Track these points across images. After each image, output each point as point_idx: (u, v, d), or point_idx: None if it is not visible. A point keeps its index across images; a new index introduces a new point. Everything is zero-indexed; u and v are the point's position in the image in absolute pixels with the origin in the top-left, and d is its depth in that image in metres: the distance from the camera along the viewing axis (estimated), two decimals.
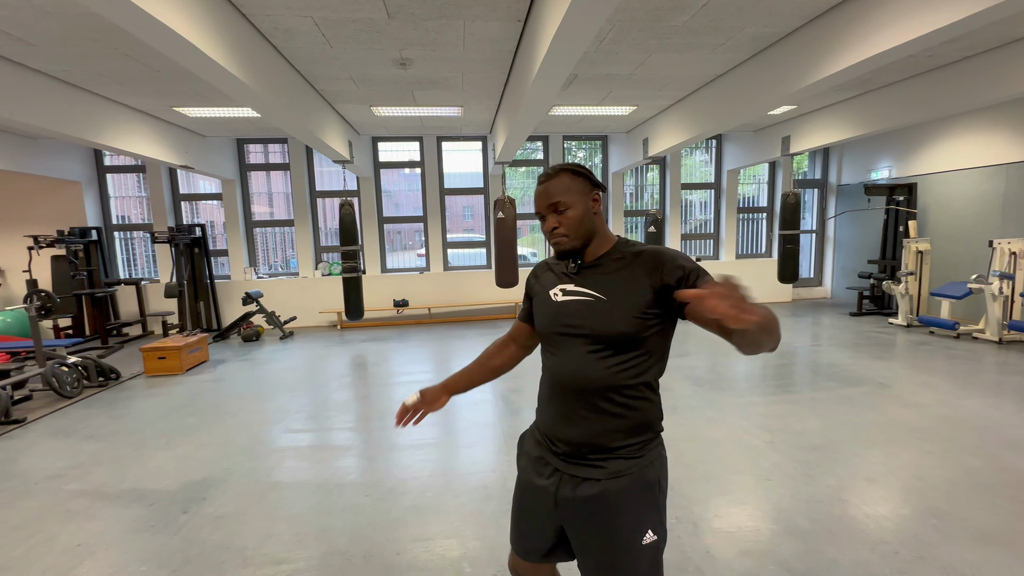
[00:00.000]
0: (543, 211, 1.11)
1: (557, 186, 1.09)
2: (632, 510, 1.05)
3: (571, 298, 1.10)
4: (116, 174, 7.73)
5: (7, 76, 3.92)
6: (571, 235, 1.09)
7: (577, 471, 1.08)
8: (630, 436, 1.06)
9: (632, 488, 1.05)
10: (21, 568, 2.12)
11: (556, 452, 1.12)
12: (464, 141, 7.93)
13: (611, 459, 1.06)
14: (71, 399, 4.43)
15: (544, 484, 1.13)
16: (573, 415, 1.08)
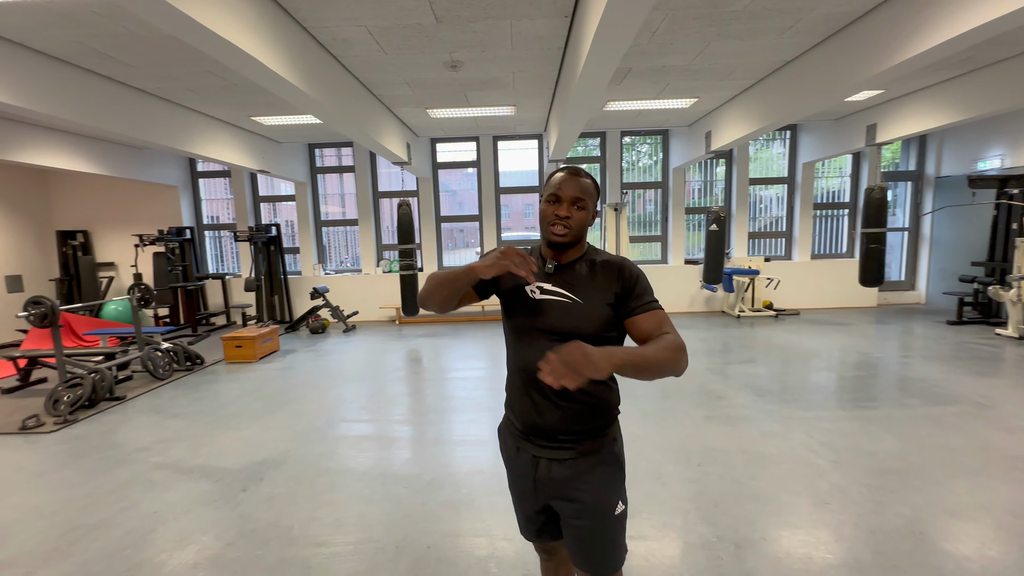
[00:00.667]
0: (565, 198, 1.16)
1: (585, 187, 1.18)
2: (605, 484, 1.21)
3: (549, 297, 1.19)
4: (207, 179, 8.57)
5: (114, 94, 4.47)
6: (573, 230, 1.18)
7: (551, 454, 1.21)
8: (596, 417, 1.21)
9: (601, 464, 1.21)
10: (109, 528, 2.41)
11: (530, 440, 1.24)
12: (519, 140, 7.95)
13: (580, 440, 1.20)
14: (163, 381, 4.97)
15: (525, 469, 1.26)
16: (545, 405, 1.19)
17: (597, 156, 8.08)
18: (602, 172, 8.03)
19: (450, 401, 4.18)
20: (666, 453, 3.02)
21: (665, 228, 8.20)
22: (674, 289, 7.98)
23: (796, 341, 5.83)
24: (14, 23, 3.24)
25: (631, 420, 3.56)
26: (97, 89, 4.30)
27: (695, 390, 4.16)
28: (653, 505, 2.46)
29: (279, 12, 3.12)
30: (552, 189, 1.19)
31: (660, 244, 8.30)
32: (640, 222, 8.37)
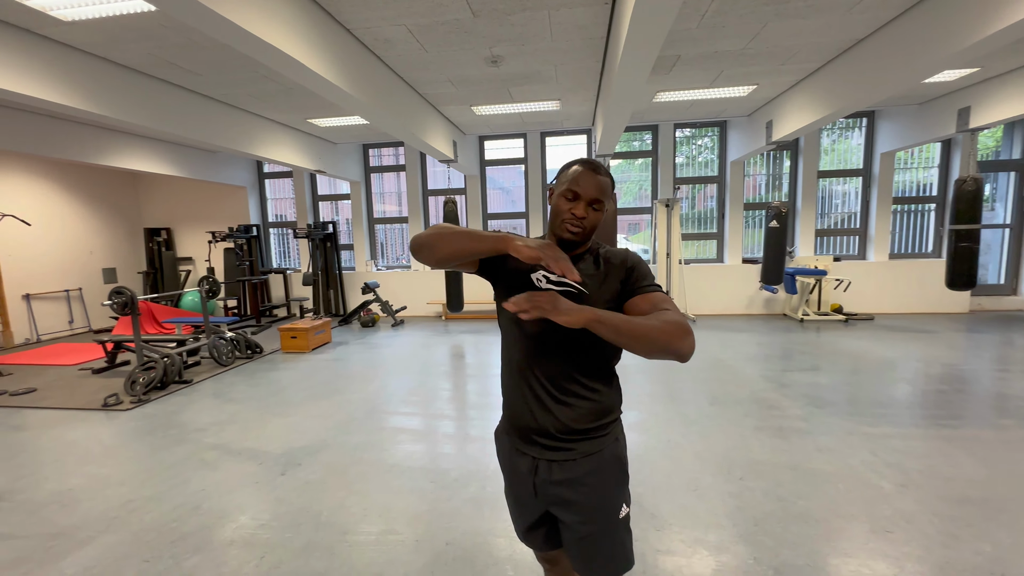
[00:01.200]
0: (584, 196, 1.11)
1: (604, 187, 1.13)
2: (608, 485, 1.16)
3: (555, 288, 1.13)
4: (272, 179, 9.13)
5: (185, 102, 4.85)
6: (586, 231, 1.15)
7: (551, 455, 1.16)
8: (599, 417, 1.16)
9: (603, 465, 1.16)
10: (163, 500, 2.61)
11: (529, 441, 1.18)
12: (567, 135, 7.81)
13: (582, 440, 1.15)
14: (226, 367, 5.35)
15: (523, 473, 1.20)
16: (543, 404, 1.15)
17: (649, 150, 7.78)
18: (654, 167, 7.72)
19: (487, 398, 4.18)
20: (706, 463, 2.84)
21: (721, 225, 7.76)
22: (730, 289, 7.53)
23: (867, 349, 5.30)
24: (97, 39, 3.58)
25: (671, 426, 3.38)
26: (170, 97, 4.68)
27: (745, 398, 3.89)
28: (686, 518, 2.31)
29: (322, 15, 3.23)
30: (570, 184, 1.12)
31: (716, 242, 7.86)
32: (696, 219, 7.97)
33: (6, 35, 3.29)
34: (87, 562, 2.13)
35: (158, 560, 2.13)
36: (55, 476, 2.94)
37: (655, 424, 3.44)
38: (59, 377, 5.13)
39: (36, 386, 4.81)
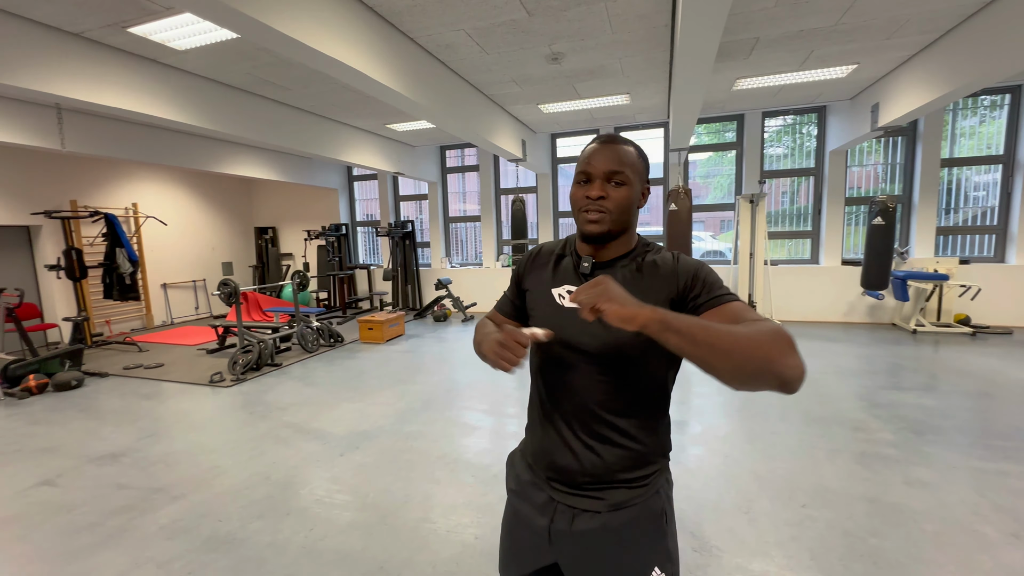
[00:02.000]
0: (597, 174, 0.91)
1: (625, 155, 0.91)
2: (637, 546, 0.94)
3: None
4: (360, 181, 9.86)
5: (280, 114, 5.41)
6: (613, 215, 0.91)
7: (574, 501, 0.96)
8: (637, 466, 0.95)
9: (636, 521, 0.94)
10: (241, 469, 2.96)
11: (549, 481, 0.99)
12: (640, 130, 7.50)
13: (611, 489, 0.94)
14: (311, 354, 5.90)
15: (536, 514, 1.00)
16: (574, 440, 0.96)
17: (732, 141, 7.21)
18: (738, 160, 7.15)
19: None
20: (765, 485, 2.59)
21: (818, 222, 6.98)
22: (826, 294, 6.76)
23: (997, 368, 4.48)
24: (205, 64, 4.12)
25: (732, 440, 3.13)
26: (267, 111, 5.25)
27: (827, 416, 3.48)
28: (731, 542, 2.13)
29: (387, 27, 3.42)
30: (580, 167, 0.93)
31: (810, 241, 7.10)
32: (788, 216, 7.26)
33: (139, 66, 3.91)
34: (176, 515, 2.48)
35: (228, 521, 2.42)
36: (165, 439, 3.46)
37: (714, 437, 3.21)
38: (182, 355, 6.00)
39: (164, 362, 5.67)
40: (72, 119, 4.91)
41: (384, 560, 2.10)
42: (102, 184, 7.40)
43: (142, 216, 7.81)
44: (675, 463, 2.85)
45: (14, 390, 4.56)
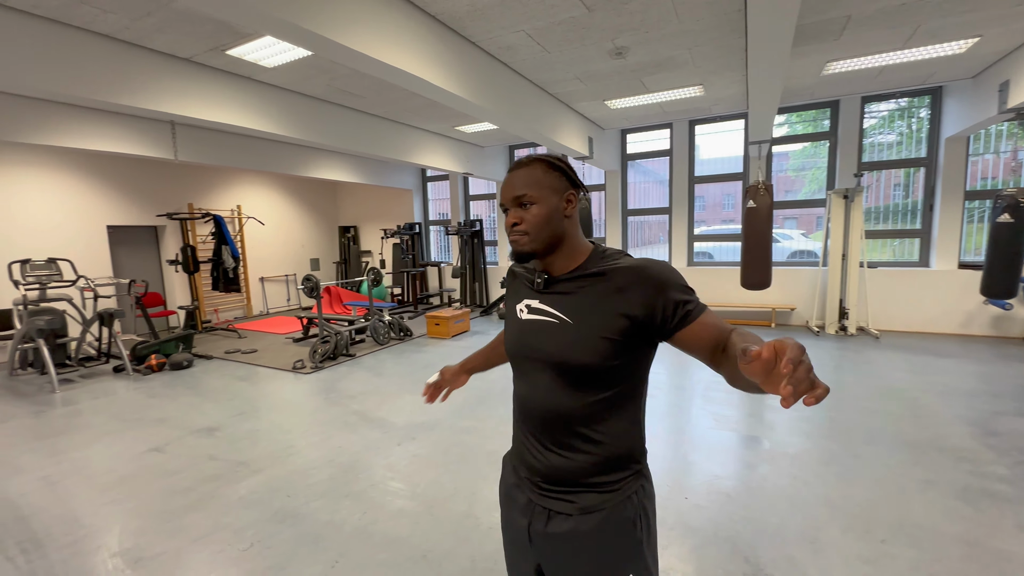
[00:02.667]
0: (507, 203, 0.97)
1: (526, 177, 0.95)
2: (609, 551, 0.95)
3: (535, 317, 0.99)
4: (433, 182, 10.26)
5: (357, 121, 5.78)
6: (531, 234, 0.95)
7: (548, 503, 0.98)
8: (604, 471, 0.95)
9: (607, 525, 0.95)
10: (311, 450, 3.22)
11: (528, 480, 1.03)
12: (718, 122, 7.05)
13: (582, 493, 0.96)
14: (382, 346, 6.26)
15: (519, 515, 1.04)
16: (539, 446, 0.99)
17: (825, 131, 6.54)
18: (832, 151, 6.48)
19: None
20: (838, 513, 2.34)
21: (929, 219, 6.13)
22: (940, 302, 5.93)
23: None
24: (290, 78, 4.52)
25: (804, 460, 2.87)
26: (345, 118, 5.63)
27: (924, 441, 3.06)
28: (790, 572, 1.96)
29: (449, 34, 3.53)
30: (500, 199, 1.00)
31: (919, 240, 6.25)
32: (892, 212, 6.46)
33: (236, 84, 4.38)
34: (253, 487, 2.76)
35: (295, 497, 2.65)
36: (252, 418, 3.86)
37: (783, 454, 2.96)
38: (273, 343, 6.64)
39: (257, 348, 6.31)
40: (183, 132, 5.62)
41: (427, 549, 2.19)
42: (212, 188, 8.38)
43: (244, 217, 8.74)
44: (736, 480, 2.68)
45: (140, 367, 5.33)
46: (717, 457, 2.98)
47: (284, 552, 2.19)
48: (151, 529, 2.40)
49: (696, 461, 2.93)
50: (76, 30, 3.32)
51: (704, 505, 2.46)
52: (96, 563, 2.16)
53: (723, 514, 2.37)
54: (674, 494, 2.58)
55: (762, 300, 6.77)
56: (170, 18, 3.27)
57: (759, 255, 5.39)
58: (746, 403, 3.84)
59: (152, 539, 2.32)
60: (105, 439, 3.53)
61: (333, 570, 2.07)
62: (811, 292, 6.54)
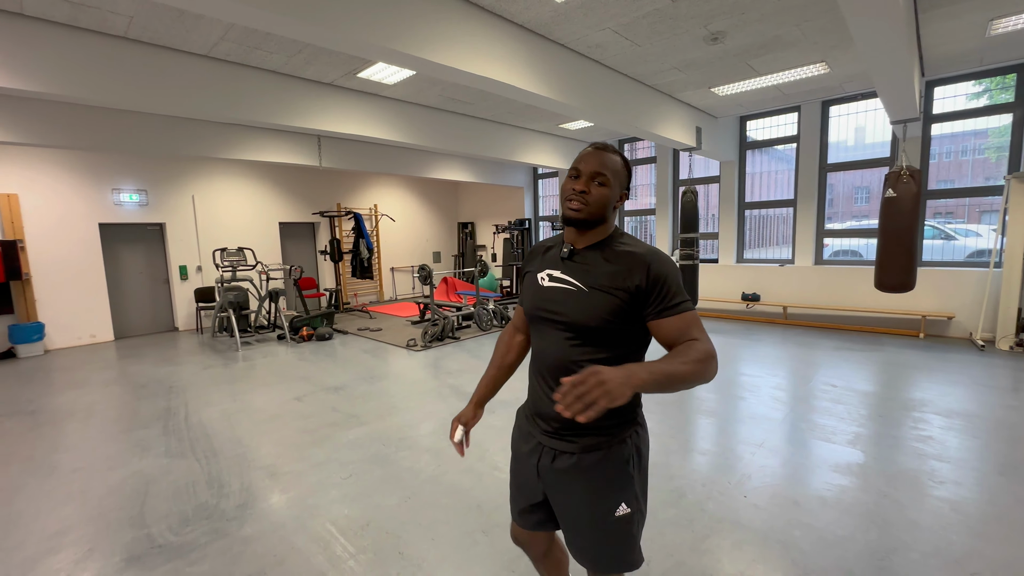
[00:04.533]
0: (585, 172, 1.11)
1: (610, 161, 1.12)
2: (605, 483, 1.14)
3: (555, 284, 1.16)
4: (544, 180, 10.60)
5: (468, 126, 6.34)
6: (591, 206, 1.11)
7: (555, 444, 1.18)
8: (604, 418, 1.10)
9: (604, 462, 1.13)
10: (406, 412, 3.76)
11: (537, 425, 1.22)
12: (853, 101, 6.17)
13: (585, 436, 1.14)
14: (484, 332, 6.79)
15: (528, 455, 1.24)
16: (549, 393, 1.16)
17: (1008, 101, 5.34)
18: (1016, 127, 5.27)
19: (694, 404, 4.03)
20: (925, 538, 2.09)
21: None
22: None
23: None
24: (408, 92, 5.18)
25: (901, 483, 2.57)
26: (458, 124, 6.22)
27: None
28: None
29: (536, 39, 3.76)
30: (574, 164, 1.14)
31: None
32: None
33: (364, 100, 5.18)
34: (359, 435, 3.36)
35: (387, 446, 3.17)
36: (368, 382, 4.58)
37: (881, 471, 2.66)
38: (395, 324, 7.61)
39: (382, 327, 7.31)
40: (326, 143, 6.75)
41: (483, 500, 2.49)
42: (355, 190, 9.80)
43: (379, 214, 10.05)
44: (808, 488, 2.53)
45: (295, 336, 6.58)
46: (796, 463, 2.79)
47: (372, 484, 2.69)
48: (285, 454, 3.10)
49: (769, 465, 2.79)
50: (252, 69, 4.30)
51: (763, 506, 2.37)
52: (249, 471, 2.89)
53: (781, 518, 2.27)
54: (732, 490, 2.52)
55: (909, 306, 5.81)
56: (316, 53, 4.05)
57: (898, 252, 4.67)
58: (860, 417, 3.46)
59: (285, 461, 3.00)
60: (265, 387, 4.52)
61: (405, 503, 2.49)
62: (976, 299, 5.43)
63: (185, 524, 2.37)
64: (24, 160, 6.26)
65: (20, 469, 3.02)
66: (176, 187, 7.53)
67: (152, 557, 2.13)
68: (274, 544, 2.19)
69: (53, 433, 3.60)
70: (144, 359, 5.85)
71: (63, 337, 6.62)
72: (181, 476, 2.86)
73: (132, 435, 3.49)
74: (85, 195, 6.73)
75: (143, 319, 7.52)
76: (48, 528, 2.38)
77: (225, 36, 3.68)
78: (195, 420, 3.74)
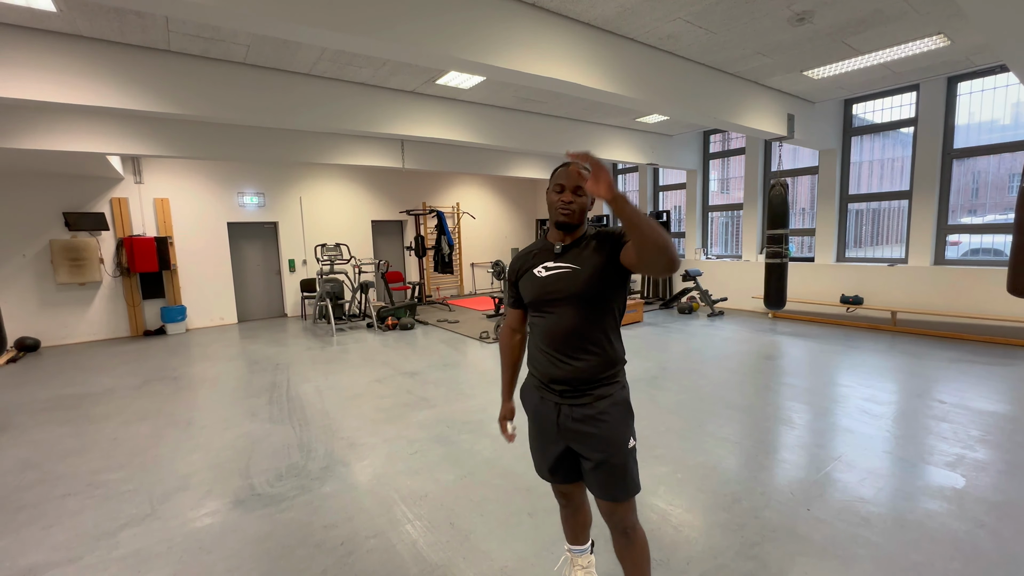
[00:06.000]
0: (569, 186, 1.42)
1: (578, 179, 1.42)
2: (617, 423, 1.42)
3: (553, 272, 1.45)
4: (623, 174, 10.38)
5: (540, 124, 6.44)
6: (576, 213, 1.43)
7: (572, 400, 1.43)
8: (606, 368, 1.43)
9: (614, 406, 1.42)
10: (473, 399, 3.99)
11: (554, 390, 1.46)
12: (986, 76, 5.30)
13: (596, 387, 1.42)
14: None
15: (548, 415, 1.48)
16: (563, 360, 1.43)
17: None
18: None
19: (773, 416, 3.82)
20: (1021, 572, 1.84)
21: None
22: None
23: None
24: (482, 95, 5.41)
25: (1005, 513, 2.28)
26: (530, 122, 6.34)
27: None
28: None
29: (603, 35, 3.75)
30: (556, 180, 1.45)
31: None
32: None
33: (443, 105, 5.50)
34: (427, 416, 3.65)
35: (451, 428, 3.41)
36: (441, 370, 4.91)
37: (980, 498, 2.37)
38: (472, 317, 7.97)
39: (460, 320, 7.70)
40: (409, 146, 7.24)
41: (533, 486, 2.61)
42: (440, 190, 10.36)
43: (461, 212, 10.53)
44: (886, 509, 2.35)
45: (381, 325, 7.18)
46: (876, 481, 2.56)
47: (434, 461, 2.93)
48: (363, 428, 3.47)
49: (843, 479, 2.58)
50: (345, 83, 4.79)
51: (827, 520, 2.23)
52: (332, 440, 3.29)
53: (846, 534, 2.12)
54: (794, 501, 2.39)
55: None
56: (398, 65, 4.41)
57: None
58: (968, 439, 3.06)
59: (362, 434, 3.37)
60: (352, 369, 5.03)
61: (462, 481, 2.69)
62: None
63: (279, 479, 2.78)
64: (173, 170, 7.52)
65: (165, 422, 3.72)
66: (287, 190, 8.55)
67: (252, 502, 2.54)
68: (347, 503, 2.50)
69: (189, 396, 4.35)
70: (258, 340, 6.76)
71: (200, 319, 7.86)
72: (279, 439, 3.33)
73: (245, 402, 4.11)
74: (217, 198, 7.90)
75: (259, 305, 8.66)
76: (181, 470, 2.93)
77: (322, 56, 4.16)
78: (294, 393, 4.30)
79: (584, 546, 1.76)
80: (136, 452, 3.20)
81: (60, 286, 6.83)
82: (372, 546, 2.15)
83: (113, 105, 3.73)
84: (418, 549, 2.12)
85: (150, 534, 2.30)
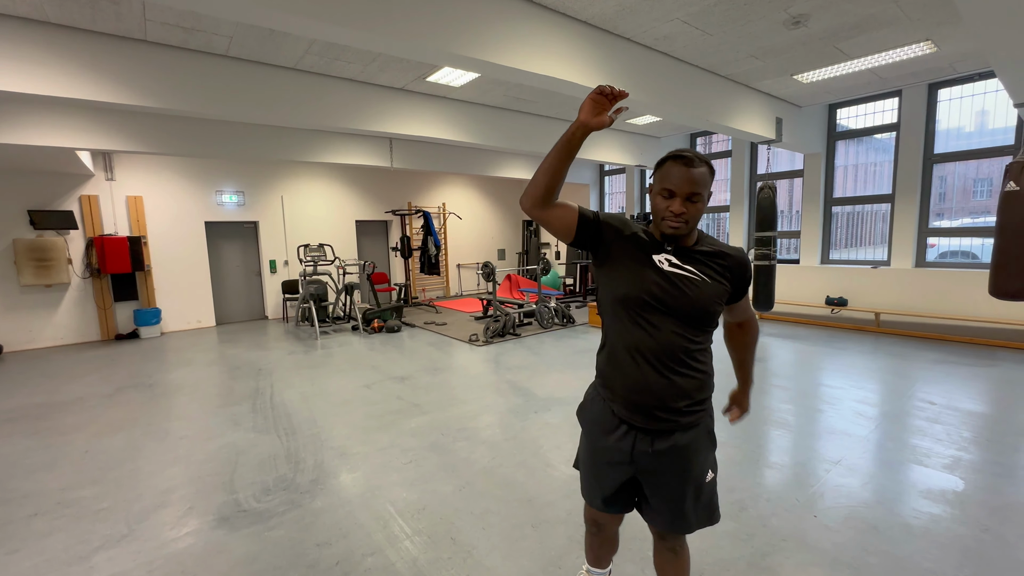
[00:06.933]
0: (680, 193, 1.15)
1: (703, 178, 1.16)
2: (700, 455, 1.29)
3: (677, 271, 1.22)
4: (610, 176, 10.40)
5: (531, 124, 6.38)
6: (691, 224, 1.19)
7: (651, 425, 1.24)
8: (701, 391, 1.26)
9: (698, 437, 1.28)
10: (464, 404, 3.89)
11: (635, 415, 1.24)
12: (967, 83, 5.43)
13: (682, 415, 1.24)
14: (545, 330, 6.81)
15: (616, 442, 1.28)
16: (652, 380, 1.21)
17: None
18: None
19: None
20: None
21: None
22: None
23: None
24: (472, 93, 5.32)
25: (1008, 518, 2.28)
26: (521, 122, 6.28)
27: None
28: None
29: (600, 34, 3.71)
30: (664, 182, 1.16)
31: None
32: None
33: (432, 103, 5.39)
34: (420, 423, 3.53)
35: (446, 436, 3.30)
36: (431, 374, 4.79)
37: (983, 502, 2.37)
38: (460, 319, 7.85)
39: (448, 322, 7.57)
40: (397, 145, 7.09)
41: (535, 496, 2.53)
42: (426, 189, 10.20)
43: (447, 213, 10.39)
44: (891, 514, 2.34)
45: (367, 328, 7.01)
46: (878, 484, 2.55)
47: (429, 471, 2.82)
48: (354, 437, 3.33)
49: (846, 484, 2.57)
50: (332, 79, 4.63)
51: (835, 528, 2.20)
52: (322, 450, 3.14)
53: (855, 541, 2.09)
54: (801, 508, 2.36)
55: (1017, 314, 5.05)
56: (388, 60, 4.28)
57: (1020, 254, 4.08)
58: (961, 440, 3.09)
59: (353, 443, 3.24)
60: (339, 374, 4.87)
61: (460, 492, 2.59)
62: None
63: (266, 493, 2.63)
64: (147, 166, 7.20)
65: (141, 432, 3.51)
66: (268, 188, 8.29)
67: (238, 519, 2.40)
68: (340, 518, 2.37)
69: (166, 404, 4.13)
70: (239, 343, 6.52)
71: (175, 321, 7.55)
72: (265, 449, 3.18)
73: (227, 410, 3.92)
74: (194, 196, 7.61)
75: (239, 308, 8.37)
76: (160, 485, 2.75)
77: (309, 50, 4.00)
78: (278, 400, 4.13)
79: (604, 570, 1.65)
80: (110, 466, 3.01)
81: (24, 288, 6.48)
82: (370, 565, 2.04)
83: (83, 97, 3.52)
84: (419, 567, 2.02)
85: (127, 557, 2.14)
